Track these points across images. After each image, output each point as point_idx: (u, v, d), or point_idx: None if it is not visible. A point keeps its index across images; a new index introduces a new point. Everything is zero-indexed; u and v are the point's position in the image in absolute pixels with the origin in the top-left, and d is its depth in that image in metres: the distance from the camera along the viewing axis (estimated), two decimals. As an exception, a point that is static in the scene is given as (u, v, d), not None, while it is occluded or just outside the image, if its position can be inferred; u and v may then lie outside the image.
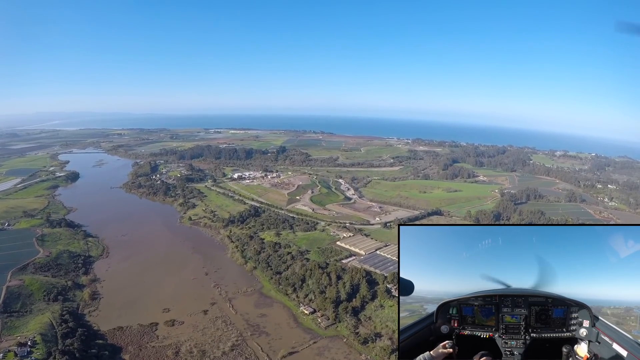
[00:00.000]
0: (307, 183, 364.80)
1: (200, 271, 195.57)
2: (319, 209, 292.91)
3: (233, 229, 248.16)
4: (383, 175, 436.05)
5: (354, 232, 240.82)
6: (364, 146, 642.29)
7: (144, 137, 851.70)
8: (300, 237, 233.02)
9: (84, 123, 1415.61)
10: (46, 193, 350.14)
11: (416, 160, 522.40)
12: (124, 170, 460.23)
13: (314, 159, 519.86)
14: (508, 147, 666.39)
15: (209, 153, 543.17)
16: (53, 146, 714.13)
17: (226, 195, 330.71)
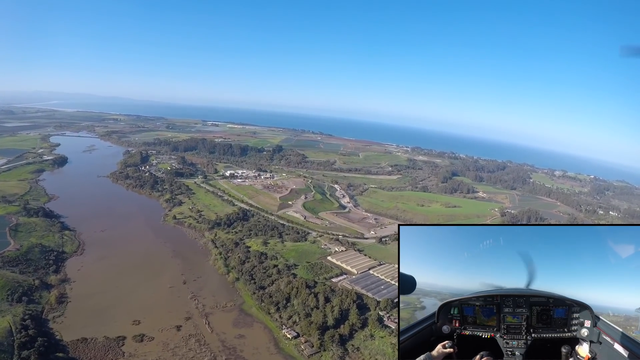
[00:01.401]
0: (301, 187, 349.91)
1: (179, 279, 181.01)
2: (312, 217, 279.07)
3: (218, 233, 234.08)
4: (380, 184, 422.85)
5: (346, 246, 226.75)
6: (363, 151, 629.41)
7: (140, 124, 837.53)
8: (289, 248, 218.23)
9: (82, 105, 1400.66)
10: (30, 177, 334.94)
11: (415, 170, 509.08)
12: (114, 158, 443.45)
13: (310, 161, 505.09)
14: (507, 162, 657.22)
15: (203, 147, 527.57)
16: (47, 127, 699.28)
17: (215, 194, 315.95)
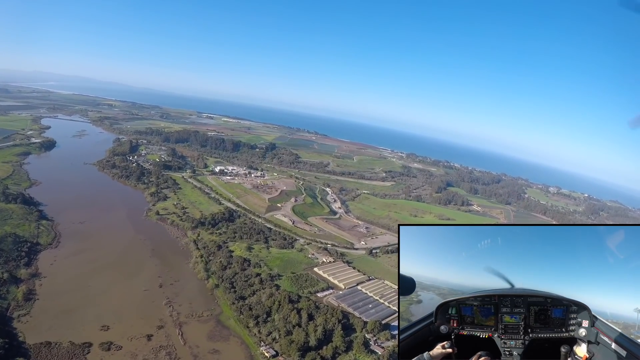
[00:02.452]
0: (291, 189, 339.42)
1: (155, 281, 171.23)
2: (300, 222, 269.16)
3: (202, 233, 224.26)
4: (373, 190, 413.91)
5: (335, 257, 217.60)
6: (357, 154, 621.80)
7: (134, 112, 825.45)
8: (274, 256, 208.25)
9: (79, 88, 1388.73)
10: (14, 160, 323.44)
11: (409, 178, 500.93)
12: (104, 145, 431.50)
13: (303, 162, 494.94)
14: (502, 175, 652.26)
15: (195, 140, 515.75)
16: (40, 108, 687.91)
17: (202, 190, 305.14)
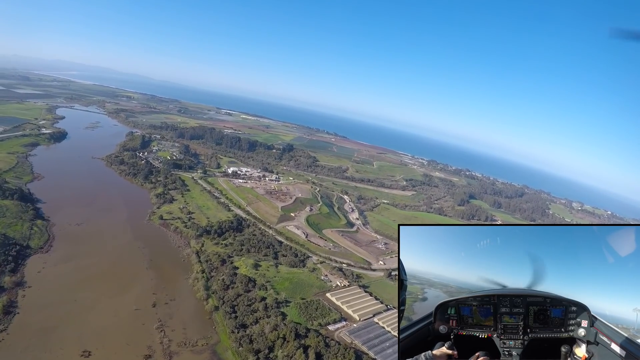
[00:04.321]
0: (307, 196, 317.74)
1: (148, 298, 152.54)
2: (314, 235, 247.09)
3: (206, 242, 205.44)
4: (393, 200, 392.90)
5: (350, 279, 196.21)
6: (377, 159, 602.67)
7: (152, 105, 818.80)
8: (283, 276, 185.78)
9: (100, 79, 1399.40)
10: (21, 150, 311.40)
11: (430, 188, 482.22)
12: (116, 138, 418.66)
13: (321, 166, 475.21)
14: (524, 188, 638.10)
15: (211, 137, 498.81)
16: (58, 97, 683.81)
17: (211, 194, 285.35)
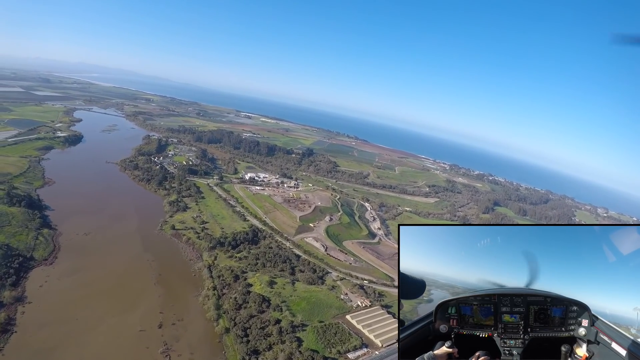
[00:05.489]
0: (326, 205, 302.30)
1: (155, 318, 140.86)
2: (334, 248, 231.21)
3: (219, 255, 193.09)
4: (416, 207, 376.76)
5: (371, 299, 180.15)
6: (399, 164, 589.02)
7: (171, 107, 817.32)
8: (300, 295, 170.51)
9: (121, 81, 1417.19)
10: (34, 154, 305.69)
11: (454, 194, 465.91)
12: (131, 142, 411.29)
13: (341, 171, 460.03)
14: (548, 193, 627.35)
15: (229, 141, 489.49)
16: (76, 99, 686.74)
17: (227, 202, 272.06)
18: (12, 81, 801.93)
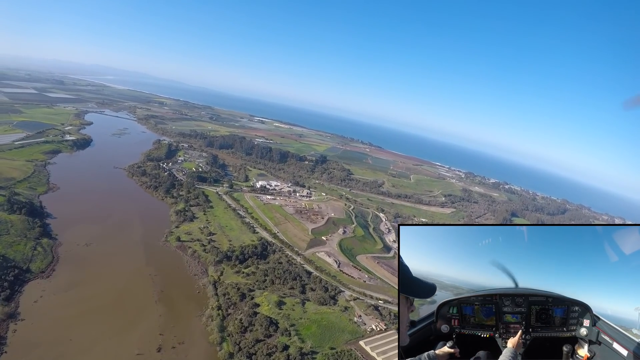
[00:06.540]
0: (340, 216, 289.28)
1: (154, 340, 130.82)
2: (347, 264, 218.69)
3: (226, 270, 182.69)
4: (432, 219, 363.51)
5: (387, 322, 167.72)
6: (414, 172, 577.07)
7: (184, 111, 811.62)
8: (310, 317, 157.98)
9: (135, 84, 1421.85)
10: (40, 158, 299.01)
11: (470, 204, 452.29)
12: (141, 146, 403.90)
13: (355, 180, 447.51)
14: (565, 203, 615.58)
15: (241, 146, 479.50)
16: (89, 102, 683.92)
17: (236, 212, 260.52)
18: (27, 82, 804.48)
